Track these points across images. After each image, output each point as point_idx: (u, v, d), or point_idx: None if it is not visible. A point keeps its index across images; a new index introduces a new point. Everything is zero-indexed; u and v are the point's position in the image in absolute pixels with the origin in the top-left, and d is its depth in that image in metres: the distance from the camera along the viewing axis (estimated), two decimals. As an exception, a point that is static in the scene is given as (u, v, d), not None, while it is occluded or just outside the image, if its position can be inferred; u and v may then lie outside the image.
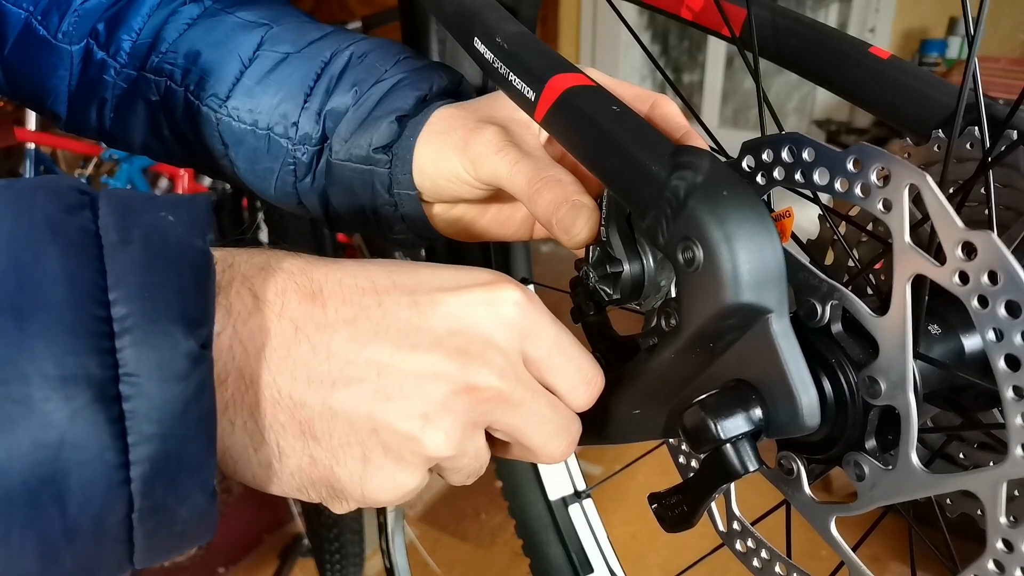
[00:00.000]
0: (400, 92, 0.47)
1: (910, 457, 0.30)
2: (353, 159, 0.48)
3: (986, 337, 0.27)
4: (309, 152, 0.49)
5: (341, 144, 0.48)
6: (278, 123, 0.49)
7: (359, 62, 0.49)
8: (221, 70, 0.50)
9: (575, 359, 0.34)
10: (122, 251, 0.26)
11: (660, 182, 0.32)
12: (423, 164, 0.45)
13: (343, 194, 0.50)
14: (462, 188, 0.45)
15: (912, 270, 0.28)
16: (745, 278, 0.30)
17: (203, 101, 0.50)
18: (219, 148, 0.52)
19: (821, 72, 0.49)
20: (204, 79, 0.50)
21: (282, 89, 0.49)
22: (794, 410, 0.31)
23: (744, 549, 0.41)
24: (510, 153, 0.42)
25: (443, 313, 0.31)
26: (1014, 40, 2.52)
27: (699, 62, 3.61)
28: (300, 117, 0.49)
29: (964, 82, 0.32)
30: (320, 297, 0.30)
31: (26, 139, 1.76)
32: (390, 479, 0.31)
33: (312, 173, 0.50)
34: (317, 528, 1.53)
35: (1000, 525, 0.28)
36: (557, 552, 0.72)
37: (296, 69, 0.49)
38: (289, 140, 0.49)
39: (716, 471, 0.32)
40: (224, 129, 0.51)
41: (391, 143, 0.47)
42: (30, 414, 0.23)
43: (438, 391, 0.30)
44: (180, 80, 0.51)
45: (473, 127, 0.44)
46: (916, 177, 0.28)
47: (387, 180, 0.48)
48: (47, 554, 0.24)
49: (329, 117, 0.48)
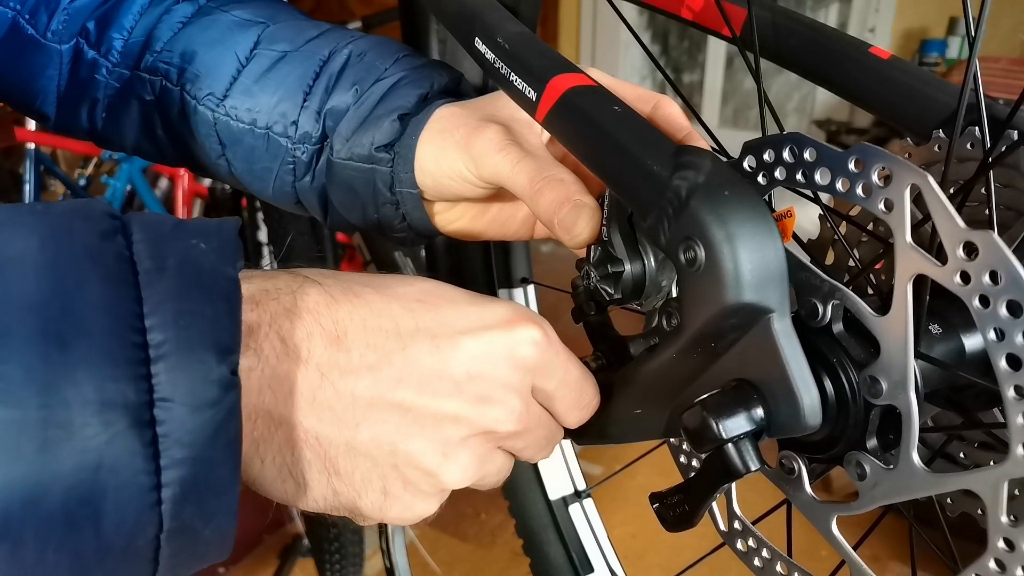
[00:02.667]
0: (401, 91, 0.47)
1: (911, 456, 0.30)
2: (355, 158, 0.48)
3: (987, 337, 0.27)
4: (309, 151, 0.49)
5: (342, 143, 0.48)
6: (277, 122, 0.49)
7: (358, 60, 0.49)
8: (218, 69, 0.50)
9: (578, 389, 0.36)
10: (157, 279, 0.26)
11: (662, 182, 0.32)
12: (425, 162, 0.45)
13: (343, 193, 0.50)
14: (464, 187, 0.45)
15: (914, 270, 0.28)
16: (747, 278, 0.30)
17: (200, 100, 0.50)
18: (216, 148, 0.51)
19: (821, 72, 0.49)
20: (200, 78, 0.50)
21: (281, 88, 0.49)
22: (795, 410, 0.31)
23: (745, 548, 0.41)
24: (512, 152, 0.41)
25: (463, 358, 0.32)
26: (1014, 40, 2.52)
27: (699, 62, 3.61)
28: (300, 116, 0.49)
29: (965, 82, 0.32)
30: (345, 341, 0.31)
31: (26, 139, 1.76)
32: (408, 509, 0.33)
33: (311, 172, 0.50)
34: (317, 528, 1.53)
35: (1001, 524, 0.28)
36: (557, 552, 0.72)
37: (294, 68, 0.49)
38: (288, 139, 0.49)
39: (718, 471, 0.32)
40: (222, 128, 0.50)
41: (393, 142, 0.47)
42: (70, 438, 0.24)
43: (457, 433, 0.33)
44: (176, 79, 0.51)
45: (476, 126, 0.43)
46: (918, 177, 0.28)
47: (389, 179, 0.47)
48: (79, 573, 0.25)
49: (329, 116, 0.48)
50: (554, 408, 0.36)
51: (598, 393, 0.38)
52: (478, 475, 0.34)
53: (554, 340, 0.35)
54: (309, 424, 0.31)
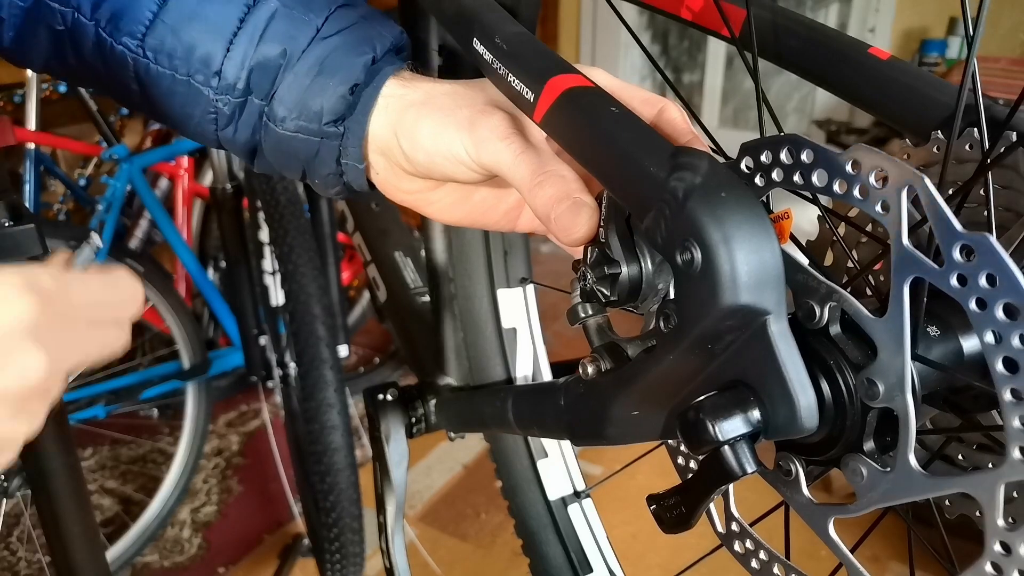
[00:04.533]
0: (345, 60, 0.46)
1: (908, 459, 0.30)
2: (303, 131, 0.47)
3: (984, 340, 0.27)
4: (232, 104, 0.47)
5: (286, 111, 0.47)
6: (199, 71, 0.47)
7: (287, 12, 0.46)
8: (136, 7, 0.47)
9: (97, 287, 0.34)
10: None
11: (659, 183, 0.32)
12: (422, 138, 0.44)
13: (281, 156, 0.49)
14: (457, 168, 0.44)
15: (911, 272, 0.28)
16: (743, 280, 0.30)
17: (117, 40, 0.47)
18: (133, 87, 0.49)
19: (821, 73, 0.49)
20: (117, 16, 0.47)
21: (204, 33, 0.46)
22: (792, 412, 0.31)
23: (743, 550, 0.41)
24: (516, 142, 0.41)
25: None
26: (1014, 40, 2.52)
27: (699, 62, 3.61)
28: (223, 66, 0.46)
29: (963, 83, 0.32)
30: None
31: (26, 139, 1.76)
32: None
33: (234, 124, 0.48)
34: (317, 528, 1.53)
35: (998, 527, 0.28)
36: (556, 552, 0.72)
37: (217, 12, 0.46)
38: (212, 89, 0.47)
39: (714, 472, 0.32)
40: (140, 70, 0.48)
41: (344, 116, 0.46)
42: None
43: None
44: (89, 14, 0.47)
45: (482, 108, 0.43)
46: (914, 179, 0.28)
47: (336, 151, 0.47)
48: None
49: (256, 71, 0.46)
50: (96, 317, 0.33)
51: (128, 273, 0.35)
52: None
53: None
54: None
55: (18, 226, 0.63)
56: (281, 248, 1.46)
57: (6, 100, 2.06)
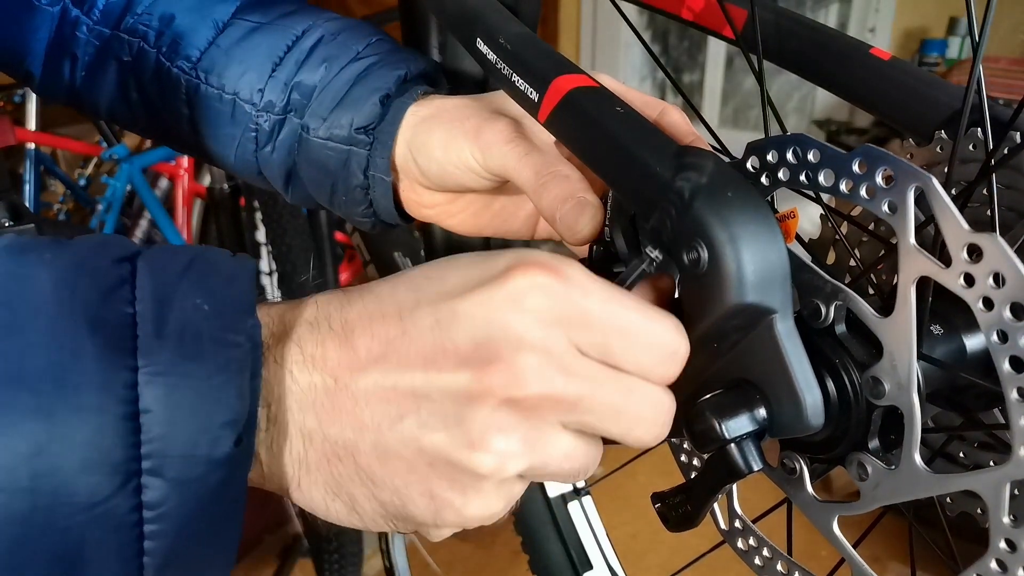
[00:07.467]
0: (379, 72, 0.48)
1: (913, 457, 0.30)
2: (334, 139, 0.48)
3: (990, 339, 0.27)
4: (271, 120, 0.50)
5: (319, 122, 0.49)
6: (244, 89, 0.50)
7: (332, 39, 0.50)
8: (194, 34, 0.51)
9: (641, 333, 0.29)
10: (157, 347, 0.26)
11: (664, 183, 0.32)
12: (433, 149, 0.45)
13: (315, 171, 0.50)
14: (469, 176, 0.45)
15: (917, 272, 0.29)
16: (750, 279, 0.30)
17: (174, 63, 0.51)
18: (184, 111, 0.52)
19: (822, 73, 0.49)
20: (177, 42, 0.51)
21: (252, 57, 0.50)
22: (798, 410, 0.31)
23: (746, 547, 0.41)
24: (520, 145, 0.42)
25: (465, 325, 0.28)
26: (1014, 40, 2.52)
27: (699, 62, 3.61)
28: (267, 84, 0.50)
29: (970, 83, 0.32)
30: (351, 338, 0.29)
31: (26, 139, 1.76)
32: (466, 509, 0.30)
33: (273, 143, 0.51)
34: (316, 528, 1.53)
35: (1003, 525, 0.28)
36: (556, 549, 0.72)
37: (267, 39, 0.50)
38: (253, 106, 0.50)
39: (720, 471, 0.32)
40: (191, 92, 0.51)
41: (374, 124, 0.47)
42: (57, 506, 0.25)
43: (476, 413, 0.28)
44: (153, 42, 0.52)
45: (487, 116, 0.44)
46: (922, 179, 0.28)
47: (364, 162, 0.48)
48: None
49: (296, 89, 0.49)
50: (627, 367, 0.29)
51: (680, 335, 0.30)
52: (530, 459, 0.29)
53: (577, 280, 0.29)
54: (333, 433, 0.29)
55: (18, 226, 0.63)
56: (279, 248, 1.45)
57: (6, 100, 2.05)
